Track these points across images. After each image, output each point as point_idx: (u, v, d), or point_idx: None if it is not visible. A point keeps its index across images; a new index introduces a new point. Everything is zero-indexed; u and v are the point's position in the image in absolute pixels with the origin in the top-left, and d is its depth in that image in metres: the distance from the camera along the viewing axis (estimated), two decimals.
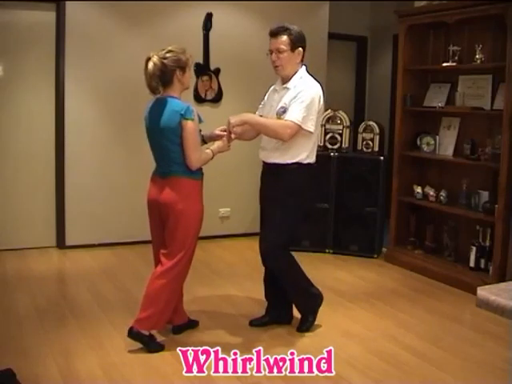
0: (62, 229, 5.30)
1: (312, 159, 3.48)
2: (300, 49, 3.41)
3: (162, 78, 3.18)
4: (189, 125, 3.13)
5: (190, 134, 3.15)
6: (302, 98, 3.31)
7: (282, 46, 3.35)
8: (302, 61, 3.46)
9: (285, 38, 3.35)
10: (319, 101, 3.39)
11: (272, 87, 3.62)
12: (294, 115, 3.29)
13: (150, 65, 3.14)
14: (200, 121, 3.25)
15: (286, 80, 3.44)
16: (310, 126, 3.32)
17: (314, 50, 4.09)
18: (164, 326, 3.36)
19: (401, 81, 5.08)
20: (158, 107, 3.21)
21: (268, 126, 3.37)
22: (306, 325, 3.63)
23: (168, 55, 3.17)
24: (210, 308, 3.99)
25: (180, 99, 3.23)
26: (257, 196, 3.70)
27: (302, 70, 3.46)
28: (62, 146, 5.22)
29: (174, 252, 3.23)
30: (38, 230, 5.29)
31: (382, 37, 7.06)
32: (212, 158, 3.33)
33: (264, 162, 3.57)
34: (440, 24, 4.75)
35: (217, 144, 3.40)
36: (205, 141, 3.49)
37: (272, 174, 3.49)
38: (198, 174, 3.28)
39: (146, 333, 3.22)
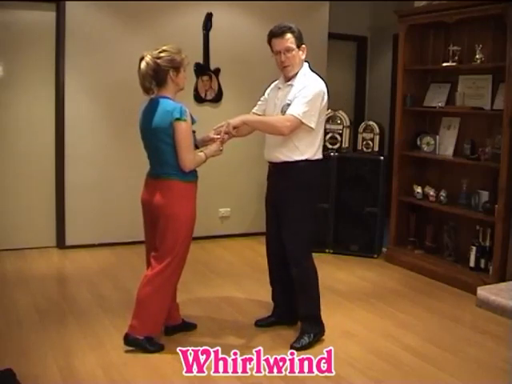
0: (62, 229, 5.30)
1: (320, 155, 3.45)
2: (303, 45, 3.39)
3: (156, 78, 3.12)
4: (181, 126, 3.06)
5: (183, 135, 3.07)
6: (304, 94, 3.27)
7: (291, 45, 3.31)
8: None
9: (290, 36, 3.31)
10: (323, 97, 3.34)
11: (273, 84, 3.58)
12: (295, 109, 3.25)
13: (143, 64, 3.09)
14: (193, 121, 3.17)
15: (290, 78, 3.39)
16: (311, 121, 3.27)
17: (314, 50, 4.07)
18: (160, 330, 3.34)
19: (401, 81, 5.08)
20: (151, 108, 3.16)
21: (266, 122, 3.35)
22: (301, 342, 3.37)
23: (162, 55, 3.11)
24: (210, 308, 3.98)
25: (173, 100, 3.16)
26: (257, 196, 3.69)
27: (306, 67, 3.43)
28: (61, 146, 5.22)
29: (163, 255, 3.18)
30: (38, 230, 5.29)
31: (381, 37, 7.06)
32: (205, 161, 3.24)
33: (271, 163, 3.49)
34: (440, 24, 4.76)
35: (210, 148, 3.30)
36: (197, 145, 3.37)
37: (281, 173, 3.42)
38: (191, 176, 3.20)
39: (141, 336, 3.20)
